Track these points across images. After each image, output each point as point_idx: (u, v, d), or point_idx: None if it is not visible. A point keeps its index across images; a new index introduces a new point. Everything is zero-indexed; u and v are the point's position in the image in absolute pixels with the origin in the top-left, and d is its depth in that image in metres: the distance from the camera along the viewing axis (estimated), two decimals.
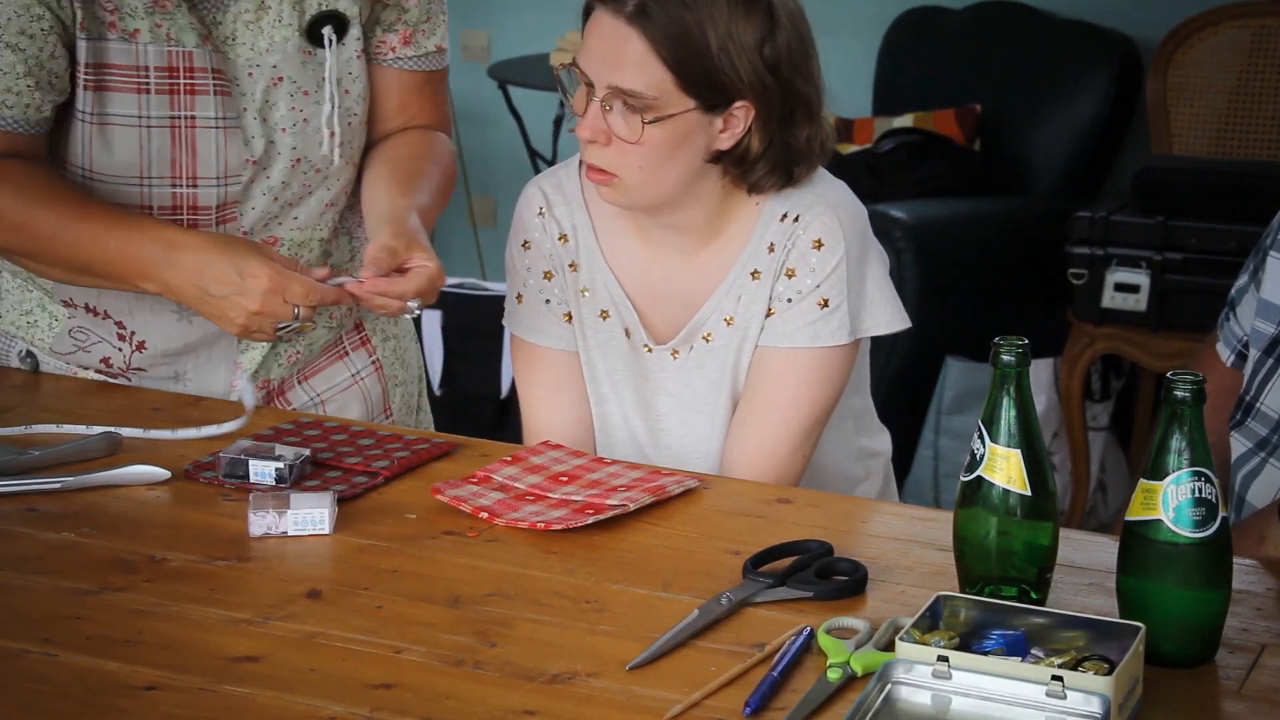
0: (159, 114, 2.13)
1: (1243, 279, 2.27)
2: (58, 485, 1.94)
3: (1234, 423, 2.17)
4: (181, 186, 2.16)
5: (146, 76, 2.12)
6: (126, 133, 2.14)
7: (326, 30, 2.18)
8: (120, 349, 2.27)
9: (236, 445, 2.01)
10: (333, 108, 2.21)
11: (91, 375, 2.28)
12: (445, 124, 2.40)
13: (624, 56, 2.07)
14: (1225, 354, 2.28)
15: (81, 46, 2.09)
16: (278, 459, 1.97)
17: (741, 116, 2.11)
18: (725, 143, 2.12)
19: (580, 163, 2.24)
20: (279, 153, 2.20)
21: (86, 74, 2.10)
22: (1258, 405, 2.13)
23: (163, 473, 1.97)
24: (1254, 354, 2.17)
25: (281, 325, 2.04)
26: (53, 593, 1.73)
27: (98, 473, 1.96)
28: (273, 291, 2.02)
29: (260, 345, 2.28)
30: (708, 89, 2.08)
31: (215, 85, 2.14)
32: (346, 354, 2.39)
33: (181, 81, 2.12)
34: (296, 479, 1.96)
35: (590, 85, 2.09)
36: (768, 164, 2.14)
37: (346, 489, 1.95)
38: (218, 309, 2.06)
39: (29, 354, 2.30)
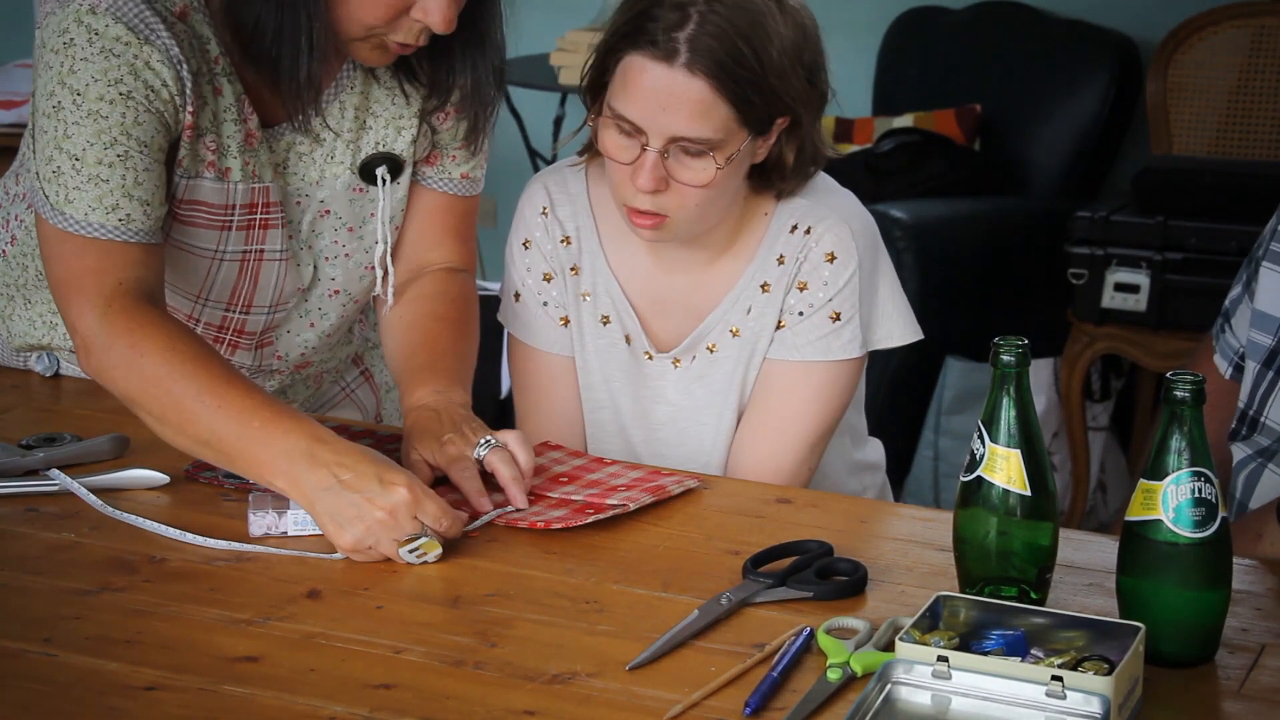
0: (234, 248, 2.08)
1: (1236, 289, 2.26)
2: (57, 486, 1.94)
3: (1237, 436, 2.15)
4: (235, 312, 2.13)
5: (231, 214, 2.05)
6: (199, 262, 2.08)
7: (380, 170, 2.13)
8: None
9: None
10: (385, 248, 2.16)
11: None
12: (466, 258, 2.30)
13: (687, 105, 2.00)
14: (1223, 366, 2.26)
15: (179, 185, 2.02)
16: None
17: (776, 129, 2.09)
18: (760, 157, 2.10)
19: (585, 166, 2.22)
20: (319, 280, 2.17)
21: (178, 209, 2.04)
22: (1261, 420, 2.11)
23: (161, 478, 1.96)
24: (1252, 366, 2.15)
25: (412, 547, 1.79)
26: (53, 593, 1.73)
27: (98, 476, 1.96)
28: (407, 505, 1.79)
29: (278, 378, 2.24)
30: (764, 117, 2.05)
31: (283, 217, 2.10)
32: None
33: (258, 217, 2.07)
34: None
35: (640, 133, 2.03)
36: (799, 168, 2.12)
37: None
38: (336, 508, 1.80)
39: (51, 357, 2.29)
